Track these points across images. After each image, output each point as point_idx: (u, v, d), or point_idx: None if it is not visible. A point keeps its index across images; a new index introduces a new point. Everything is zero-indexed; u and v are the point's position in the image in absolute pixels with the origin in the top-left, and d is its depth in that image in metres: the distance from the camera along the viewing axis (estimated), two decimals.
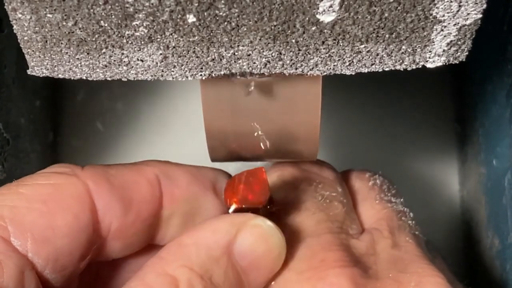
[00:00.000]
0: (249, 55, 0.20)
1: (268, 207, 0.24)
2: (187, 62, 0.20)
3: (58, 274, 0.21)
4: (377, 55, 0.20)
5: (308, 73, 0.20)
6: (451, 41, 0.19)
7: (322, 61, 0.20)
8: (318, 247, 0.24)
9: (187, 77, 0.20)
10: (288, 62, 0.20)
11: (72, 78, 0.21)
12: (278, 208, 0.25)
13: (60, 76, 0.21)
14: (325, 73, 0.20)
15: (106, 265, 0.25)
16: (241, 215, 0.23)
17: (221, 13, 0.18)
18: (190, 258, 0.21)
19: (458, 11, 0.19)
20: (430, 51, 0.20)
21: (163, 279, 0.20)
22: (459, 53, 0.20)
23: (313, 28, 0.19)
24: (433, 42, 0.19)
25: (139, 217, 0.23)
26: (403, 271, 0.23)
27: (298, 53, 0.20)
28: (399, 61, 0.20)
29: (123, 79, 0.21)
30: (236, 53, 0.20)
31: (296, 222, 0.25)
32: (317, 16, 0.19)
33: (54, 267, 0.21)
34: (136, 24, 0.19)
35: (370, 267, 0.24)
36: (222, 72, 0.20)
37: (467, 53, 0.20)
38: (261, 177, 0.23)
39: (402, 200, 0.28)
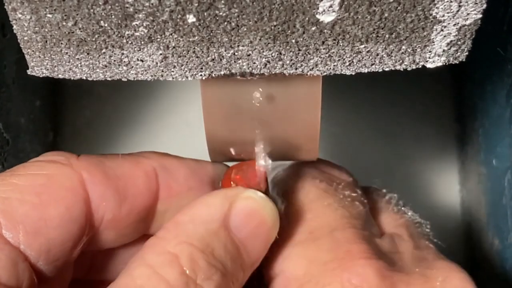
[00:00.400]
0: (249, 55, 0.20)
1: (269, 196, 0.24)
2: (187, 62, 0.20)
3: (51, 264, 0.21)
4: (377, 55, 0.20)
5: (308, 73, 0.20)
6: (451, 41, 0.19)
7: (322, 61, 0.20)
8: (343, 239, 0.24)
9: (187, 77, 0.20)
10: (288, 62, 0.20)
11: (72, 78, 0.21)
12: (286, 203, 0.25)
13: (60, 76, 0.21)
14: (325, 73, 0.20)
15: (100, 255, 0.25)
16: (232, 188, 0.23)
17: (221, 13, 0.18)
18: (189, 234, 0.21)
19: (458, 11, 0.19)
20: (430, 51, 0.20)
21: (164, 258, 0.20)
22: (459, 53, 0.20)
23: (313, 28, 0.19)
24: (433, 42, 0.19)
25: (134, 209, 0.23)
26: (429, 267, 0.23)
27: (298, 53, 0.20)
28: (399, 61, 0.20)
29: (123, 79, 0.21)
30: (236, 53, 0.20)
31: (320, 216, 0.25)
32: (317, 16, 0.19)
33: (47, 258, 0.21)
34: (136, 24, 0.19)
35: (396, 262, 0.24)
36: (222, 72, 0.20)
37: (467, 53, 0.20)
38: (256, 169, 0.23)
39: (418, 214, 0.28)
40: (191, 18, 0.18)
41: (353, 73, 0.20)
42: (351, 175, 0.28)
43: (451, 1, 0.18)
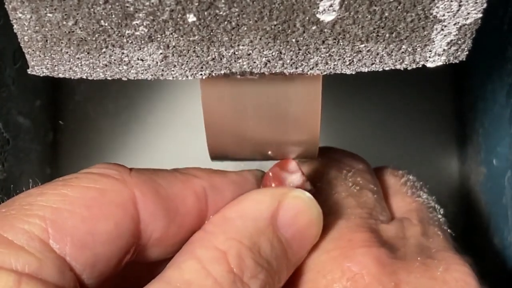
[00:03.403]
0: (249, 54, 0.20)
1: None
2: (187, 61, 0.20)
3: (95, 279, 0.21)
4: (377, 54, 0.20)
5: (309, 73, 0.20)
6: (451, 40, 0.19)
7: (322, 60, 0.20)
8: (346, 229, 0.24)
9: (187, 77, 0.20)
10: (288, 61, 0.20)
11: (72, 77, 0.21)
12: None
13: (60, 75, 0.21)
14: (325, 73, 0.20)
15: (139, 265, 0.24)
16: (280, 187, 0.23)
17: (221, 13, 0.18)
18: (237, 230, 0.21)
19: (458, 10, 0.19)
20: (430, 51, 0.20)
21: (212, 253, 0.20)
22: (459, 53, 0.20)
23: (313, 28, 0.19)
24: (433, 41, 0.19)
25: (182, 229, 0.23)
26: (431, 257, 0.24)
27: (298, 52, 0.20)
28: (399, 60, 0.20)
29: (123, 79, 0.21)
30: (236, 53, 0.20)
31: (326, 205, 0.25)
32: (317, 15, 0.19)
33: (92, 272, 0.20)
34: (136, 24, 0.19)
35: (398, 249, 0.24)
36: (222, 72, 0.20)
37: (467, 53, 0.20)
38: (296, 169, 0.24)
39: (434, 198, 0.28)
40: (191, 18, 0.19)
41: (353, 73, 0.20)
42: (364, 161, 0.29)
43: (451, 1, 0.18)
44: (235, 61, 0.20)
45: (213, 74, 0.20)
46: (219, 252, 0.20)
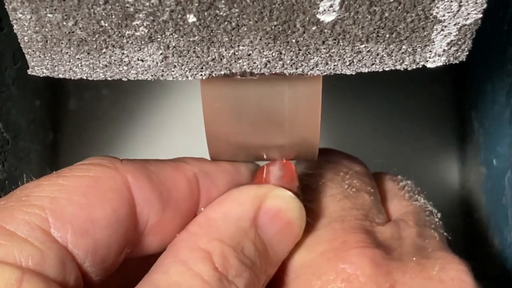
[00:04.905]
0: (249, 55, 0.20)
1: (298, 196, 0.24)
2: (187, 62, 0.20)
3: (97, 267, 0.21)
4: (378, 55, 0.20)
5: (309, 73, 0.20)
6: (452, 41, 0.19)
7: (322, 61, 0.20)
8: (340, 231, 0.24)
9: (187, 77, 0.20)
10: (288, 62, 0.20)
11: (72, 78, 0.21)
12: (306, 197, 0.25)
13: (61, 76, 0.21)
14: (325, 73, 0.20)
15: (139, 261, 0.25)
16: (262, 186, 0.23)
17: (221, 13, 0.18)
18: (220, 231, 0.21)
19: (458, 11, 0.19)
20: (430, 51, 0.20)
21: (196, 254, 0.21)
22: (459, 53, 0.20)
23: (314, 28, 0.19)
24: (434, 42, 0.19)
25: (177, 214, 0.23)
26: (426, 257, 0.24)
27: (299, 53, 0.20)
28: (399, 61, 0.20)
29: (123, 79, 0.21)
30: (236, 53, 0.20)
31: (321, 207, 0.25)
32: (318, 16, 0.19)
33: (94, 260, 0.20)
34: (137, 24, 0.19)
35: (394, 249, 0.24)
36: (223, 72, 0.20)
37: (467, 53, 0.20)
38: (289, 168, 0.24)
39: (431, 203, 0.28)
40: (191, 18, 0.19)
41: (354, 73, 0.20)
42: (362, 163, 0.29)
43: (451, 1, 0.18)
44: (235, 61, 0.20)
45: (213, 75, 0.20)
46: (203, 252, 0.21)
